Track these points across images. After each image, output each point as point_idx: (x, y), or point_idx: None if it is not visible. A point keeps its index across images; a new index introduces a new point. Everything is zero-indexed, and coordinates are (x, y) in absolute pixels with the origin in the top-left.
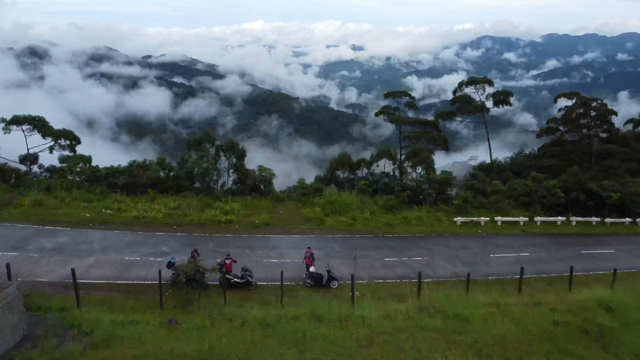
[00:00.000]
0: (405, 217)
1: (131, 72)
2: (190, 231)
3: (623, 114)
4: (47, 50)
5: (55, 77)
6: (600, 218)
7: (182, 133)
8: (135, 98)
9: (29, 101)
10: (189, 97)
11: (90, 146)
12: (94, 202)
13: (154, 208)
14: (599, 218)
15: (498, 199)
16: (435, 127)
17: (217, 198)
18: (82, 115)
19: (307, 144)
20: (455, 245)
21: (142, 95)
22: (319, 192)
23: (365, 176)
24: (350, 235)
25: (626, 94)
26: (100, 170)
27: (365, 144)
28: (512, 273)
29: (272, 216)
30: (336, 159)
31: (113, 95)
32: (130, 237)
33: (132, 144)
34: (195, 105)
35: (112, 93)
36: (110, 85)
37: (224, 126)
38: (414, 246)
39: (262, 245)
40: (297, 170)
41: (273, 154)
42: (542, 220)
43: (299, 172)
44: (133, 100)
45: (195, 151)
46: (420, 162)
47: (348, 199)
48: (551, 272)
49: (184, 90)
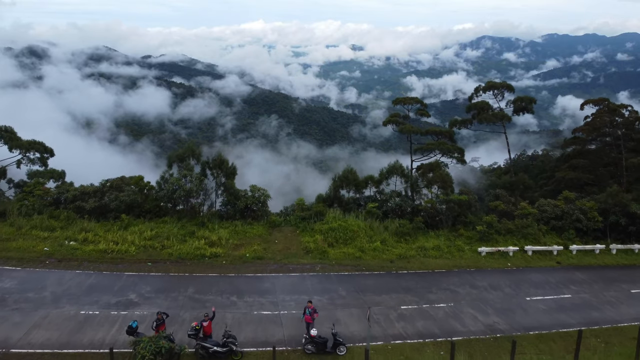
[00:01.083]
0: (422, 246)
1: (130, 72)
2: (167, 269)
3: None
4: (47, 50)
5: (54, 77)
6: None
7: (182, 133)
8: (135, 98)
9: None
10: (189, 97)
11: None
12: (57, 231)
13: (127, 239)
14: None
15: (527, 223)
16: (450, 137)
17: (202, 224)
18: (80, 115)
19: (307, 145)
20: (482, 285)
21: (141, 96)
22: (321, 215)
23: (374, 195)
24: (358, 272)
25: (626, 94)
26: (69, 191)
27: (365, 145)
28: (557, 324)
29: (266, 247)
30: (340, 176)
31: (112, 95)
32: (93, 279)
33: (130, 145)
34: (195, 106)
35: (111, 93)
36: (109, 86)
37: (223, 126)
38: (435, 286)
39: (253, 288)
40: (296, 172)
41: (272, 155)
42: (578, 249)
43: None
44: (132, 101)
45: (178, 168)
46: (436, 180)
47: (354, 225)
48: (603, 322)
49: (184, 90)
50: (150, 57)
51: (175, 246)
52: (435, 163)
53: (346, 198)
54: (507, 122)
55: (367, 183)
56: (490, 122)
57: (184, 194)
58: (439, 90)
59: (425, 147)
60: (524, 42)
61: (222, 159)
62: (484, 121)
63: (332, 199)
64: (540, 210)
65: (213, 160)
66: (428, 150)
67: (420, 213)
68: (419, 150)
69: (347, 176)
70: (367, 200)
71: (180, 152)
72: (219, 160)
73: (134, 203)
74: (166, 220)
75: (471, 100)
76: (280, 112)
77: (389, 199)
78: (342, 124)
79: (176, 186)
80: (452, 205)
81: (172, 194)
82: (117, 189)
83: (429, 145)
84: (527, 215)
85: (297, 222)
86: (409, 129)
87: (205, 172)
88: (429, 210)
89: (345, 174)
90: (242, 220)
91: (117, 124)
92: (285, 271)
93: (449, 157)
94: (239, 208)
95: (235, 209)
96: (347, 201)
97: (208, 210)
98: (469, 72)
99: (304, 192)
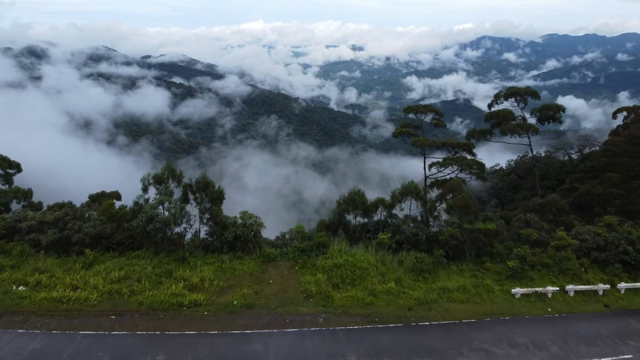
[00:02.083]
0: (444, 287)
1: (130, 72)
2: (134, 326)
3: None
4: (46, 50)
5: (53, 77)
6: None
7: (181, 133)
8: (134, 98)
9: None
10: (188, 98)
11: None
12: (6, 271)
13: (89, 282)
14: None
15: (565, 255)
16: (469, 151)
17: (182, 260)
18: (78, 116)
19: (307, 147)
20: (522, 341)
21: (141, 96)
22: (324, 247)
23: (384, 220)
24: (370, 326)
25: (626, 94)
26: (26, 218)
27: (366, 146)
28: None
29: (258, 289)
30: (345, 198)
31: (111, 95)
32: (38, 341)
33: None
34: (194, 106)
35: (110, 93)
36: (109, 86)
37: (223, 127)
38: (465, 345)
39: (239, 353)
40: (295, 174)
41: (271, 157)
42: (626, 287)
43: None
44: (131, 101)
45: (156, 190)
46: (458, 204)
47: (364, 260)
48: None
49: (183, 90)
50: (150, 57)
51: (147, 292)
52: (457, 183)
53: (352, 224)
54: (534, 133)
55: (377, 207)
56: (514, 134)
57: (160, 225)
58: (439, 90)
59: (442, 163)
60: (524, 42)
61: (207, 182)
62: (507, 132)
63: (337, 224)
64: (579, 239)
65: (196, 183)
66: (445, 165)
67: (439, 242)
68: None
69: (353, 199)
70: (376, 225)
71: (157, 173)
72: (203, 183)
73: (102, 234)
74: (140, 254)
75: (490, 108)
76: (280, 113)
77: (402, 224)
78: (342, 124)
79: (151, 215)
80: (477, 234)
81: (146, 224)
82: (80, 219)
83: (447, 161)
84: (565, 247)
85: (295, 256)
86: (423, 142)
87: (188, 197)
88: (450, 241)
89: (351, 196)
90: (231, 254)
91: (116, 124)
92: (280, 325)
93: (468, 173)
94: (227, 240)
95: (223, 241)
96: (353, 228)
97: (191, 241)
98: (469, 72)
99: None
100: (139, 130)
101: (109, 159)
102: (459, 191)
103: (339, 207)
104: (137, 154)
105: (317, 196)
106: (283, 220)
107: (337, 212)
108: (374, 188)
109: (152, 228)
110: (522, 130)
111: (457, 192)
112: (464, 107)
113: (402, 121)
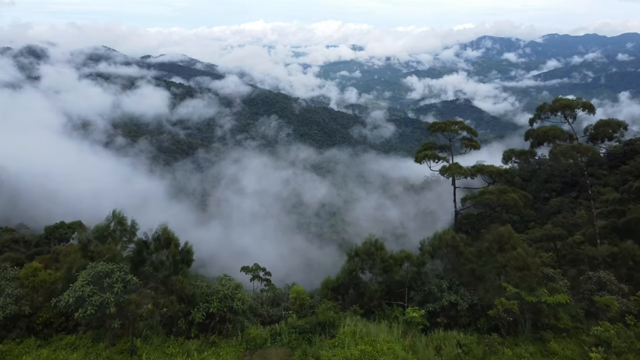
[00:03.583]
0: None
1: (129, 72)
2: None
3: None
4: (45, 50)
5: (52, 77)
6: None
7: (180, 134)
8: (133, 98)
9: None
10: (188, 98)
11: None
12: None
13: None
14: None
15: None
16: (511, 181)
17: (132, 351)
18: (76, 116)
19: (306, 148)
20: None
21: (140, 96)
22: (331, 327)
23: (408, 281)
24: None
25: (627, 95)
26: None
27: (366, 146)
28: None
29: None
30: (360, 250)
31: (110, 95)
32: None
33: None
34: (194, 106)
35: (109, 93)
36: (108, 86)
37: (222, 127)
38: None
39: None
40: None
41: (271, 159)
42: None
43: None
44: (130, 101)
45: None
46: (513, 264)
47: (388, 352)
48: None
49: (183, 90)
50: (150, 57)
51: None
52: (508, 232)
53: (369, 286)
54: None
55: (402, 263)
56: (568, 158)
57: (93, 311)
58: (440, 90)
59: (479, 197)
60: (524, 42)
61: (169, 238)
62: (559, 156)
63: (347, 286)
64: None
65: (155, 241)
66: (481, 200)
67: (486, 315)
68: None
69: (370, 251)
70: (399, 287)
71: (100, 224)
72: (163, 241)
73: (20, 313)
74: (73, 341)
75: (532, 124)
76: (280, 113)
77: (436, 289)
78: (342, 124)
79: (80, 296)
80: (541, 306)
81: (75, 307)
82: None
83: (486, 197)
84: None
85: (291, 339)
86: (455, 169)
87: (143, 257)
88: (504, 317)
89: (367, 248)
90: (202, 338)
91: (114, 125)
92: None
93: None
94: (196, 321)
95: (191, 322)
96: (371, 294)
97: (147, 317)
98: (470, 72)
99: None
100: (138, 131)
101: (105, 161)
102: (512, 243)
103: (350, 264)
104: (134, 155)
105: (317, 199)
106: (282, 224)
107: (347, 270)
108: (375, 190)
109: (81, 314)
110: (578, 154)
111: (508, 243)
112: (464, 107)
113: (401, 120)
